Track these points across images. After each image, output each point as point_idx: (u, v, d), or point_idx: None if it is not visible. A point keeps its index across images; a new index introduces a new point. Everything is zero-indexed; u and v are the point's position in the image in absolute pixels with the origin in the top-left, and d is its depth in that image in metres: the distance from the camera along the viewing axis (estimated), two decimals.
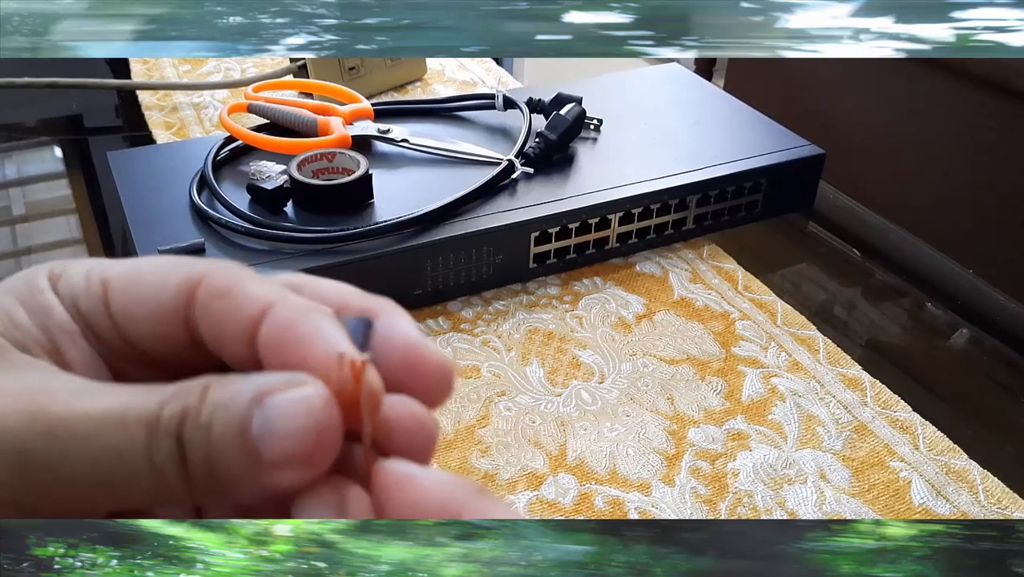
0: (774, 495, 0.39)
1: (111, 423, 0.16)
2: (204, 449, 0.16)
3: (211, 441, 0.16)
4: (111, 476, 0.16)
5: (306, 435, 0.16)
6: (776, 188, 0.57)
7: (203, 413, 0.16)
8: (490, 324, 0.49)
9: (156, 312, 0.18)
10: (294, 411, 0.16)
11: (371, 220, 0.48)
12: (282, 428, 0.16)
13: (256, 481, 0.16)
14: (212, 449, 0.16)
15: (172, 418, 0.16)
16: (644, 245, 0.54)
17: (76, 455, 0.16)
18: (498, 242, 0.49)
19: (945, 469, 0.40)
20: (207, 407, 0.16)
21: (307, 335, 0.17)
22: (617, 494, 0.39)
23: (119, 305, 0.19)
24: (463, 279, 0.49)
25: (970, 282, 0.56)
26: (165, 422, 0.16)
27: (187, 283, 0.18)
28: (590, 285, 0.52)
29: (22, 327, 0.18)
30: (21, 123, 0.72)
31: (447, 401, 0.18)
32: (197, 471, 0.16)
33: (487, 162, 0.54)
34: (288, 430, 0.16)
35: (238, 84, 0.71)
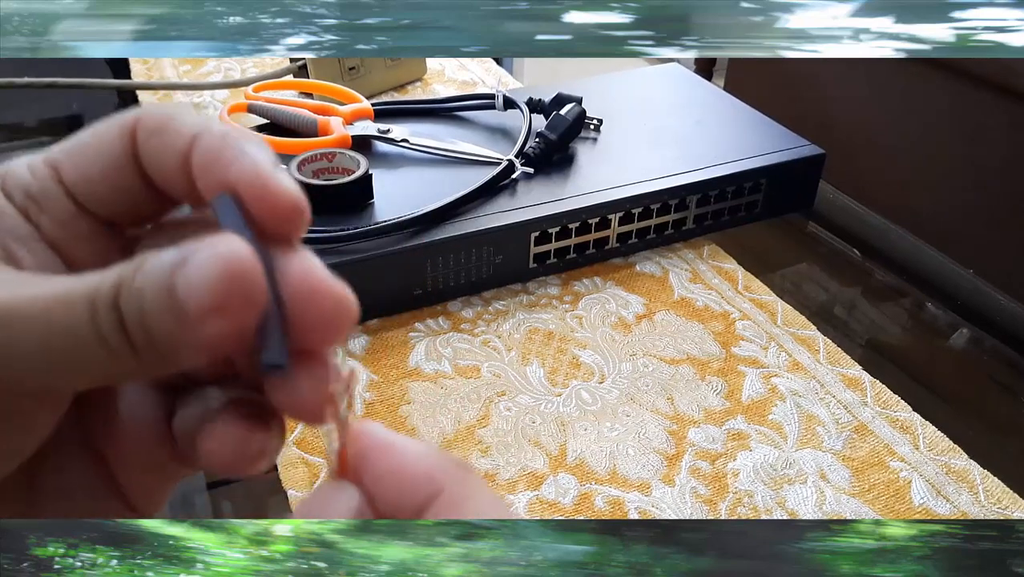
0: (774, 495, 0.39)
1: (57, 302, 0.17)
2: (139, 315, 0.16)
3: (144, 306, 0.16)
4: (62, 355, 0.17)
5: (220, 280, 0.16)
6: (776, 188, 0.57)
7: (136, 280, 0.17)
8: (490, 324, 0.49)
9: (109, 166, 0.19)
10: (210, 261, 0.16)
11: (371, 220, 0.48)
12: (199, 278, 0.16)
13: (188, 338, 0.16)
14: (145, 313, 0.16)
15: (111, 289, 0.17)
16: (644, 245, 0.54)
17: (25, 337, 0.16)
18: (498, 242, 0.49)
19: (945, 469, 0.40)
20: (140, 275, 0.17)
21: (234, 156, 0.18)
22: (617, 494, 0.39)
23: (74, 175, 0.19)
24: (463, 279, 0.49)
25: (970, 282, 0.56)
26: (104, 294, 0.17)
27: (126, 128, 0.19)
28: (590, 285, 0.52)
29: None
30: (21, 123, 0.72)
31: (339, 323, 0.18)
32: (137, 338, 0.17)
33: (487, 162, 0.54)
34: (205, 279, 0.16)
35: (238, 84, 0.71)
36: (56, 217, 0.19)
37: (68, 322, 0.16)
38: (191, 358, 0.17)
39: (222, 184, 0.18)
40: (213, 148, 0.18)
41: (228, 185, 0.18)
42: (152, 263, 0.17)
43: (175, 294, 0.16)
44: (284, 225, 0.18)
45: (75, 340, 0.17)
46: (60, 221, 0.20)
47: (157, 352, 0.17)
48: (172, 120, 0.19)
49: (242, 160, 0.18)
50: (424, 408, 0.43)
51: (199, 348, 0.17)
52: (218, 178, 0.18)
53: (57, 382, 0.17)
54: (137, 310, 0.16)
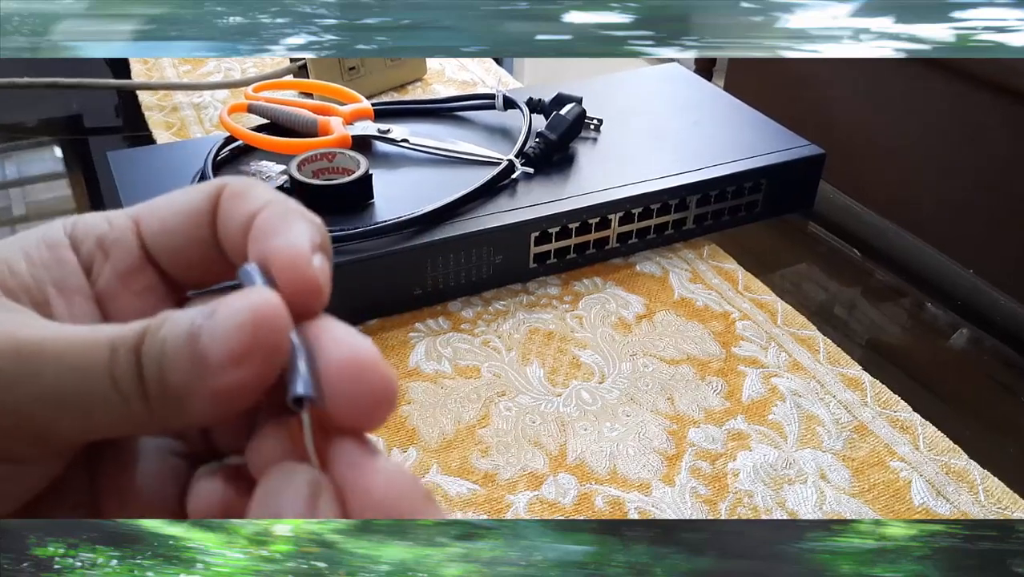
0: (774, 495, 0.39)
1: (77, 345, 0.17)
2: (158, 362, 0.17)
3: (165, 353, 0.17)
4: (75, 395, 0.17)
5: (246, 331, 0.16)
6: (776, 188, 0.57)
7: (162, 328, 0.17)
8: (490, 324, 0.49)
9: (188, 221, 0.20)
10: (237, 311, 0.16)
11: (371, 220, 0.48)
12: (224, 327, 0.16)
13: (205, 387, 0.16)
14: (165, 360, 0.16)
15: (134, 336, 0.17)
16: (644, 245, 0.54)
17: (43, 374, 0.16)
18: (498, 242, 0.49)
19: (945, 469, 0.40)
20: (166, 324, 0.17)
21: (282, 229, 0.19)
22: (617, 494, 0.39)
23: (153, 225, 0.20)
24: (463, 279, 0.49)
25: (970, 282, 0.56)
26: (125, 339, 0.17)
27: (213, 189, 0.20)
28: (590, 285, 0.52)
29: (17, 275, 0.19)
30: (21, 123, 0.72)
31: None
32: (152, 387, 0.17)
33: (487, 162, 0.54)
34: (230, 328, 0.16)
35: (238, 84, 0.71)
36: (121, 266, 0.20)
37: (84, 363, 0.17)
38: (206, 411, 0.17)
39: (262, 253, 0.18)
40: (270, 219, 0.19)
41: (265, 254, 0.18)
42: (179, 314, 0.17)
43: (198, 342, 0.16)
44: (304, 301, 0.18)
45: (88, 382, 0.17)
46: (124, 271, 0.20)
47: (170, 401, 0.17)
48: (252, 188, 0.20)
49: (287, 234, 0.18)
50: (424, 408, 0.43)
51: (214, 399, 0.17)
52: (261, 247, 0.18)
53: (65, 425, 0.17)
54: (157, 358, 0.17)
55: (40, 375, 0.16)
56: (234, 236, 0.19)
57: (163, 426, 0.17)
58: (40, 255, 0.19)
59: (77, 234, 0.20)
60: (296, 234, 0.18)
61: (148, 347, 0.17)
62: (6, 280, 0.19)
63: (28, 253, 0.19)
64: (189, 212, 0.20)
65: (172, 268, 0.20)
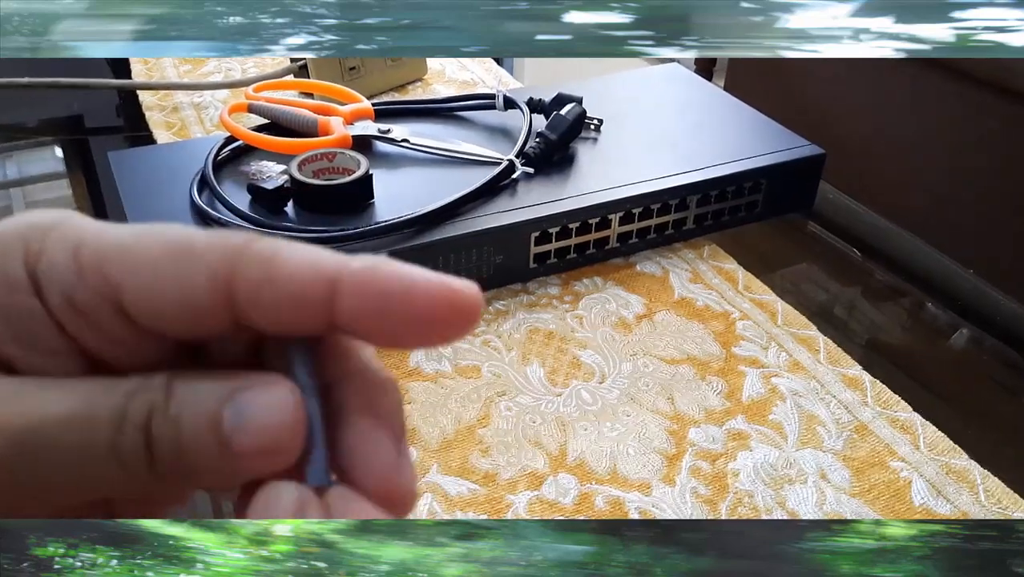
0: (774, 495, 0.39)
1: (77, 423, 0.17)
2: (173, 441, 0.17)
3: (181, 433, 0.17)
4: (78, 473, 0.17)
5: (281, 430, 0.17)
6: (776, 188, 0.57)
7: (171, 407, 0.17)
8: (490, 324, 0.49)
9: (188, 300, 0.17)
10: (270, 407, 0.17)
11: (371, 220, 0.48)
12: (257, 422, 0.17)
13: (224, 471, 0.17)
14: (182, 440, 0.17)
15: (139, 413, 0.17)
16: (644, 245, 0.54)
17: (44, 458, 0.16)
18: (498, 242, 0.49)
19: (945, 469, 0.40)
20: (175, 401, 0.17)
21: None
22: (617, 494, 0.39)
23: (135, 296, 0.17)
24: (463, 279, 0.49)
25: (970, 282, 0.56)
26: (132, 416, 0.17)
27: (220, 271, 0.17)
28: (590, 285, 0.52)
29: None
30: (21, 123, 0.72)
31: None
32: (163, 461, 0.17)
33: (487, 162, 0.54)
34: (263, 424, 0.17)
35: (238, 84, 0.71)
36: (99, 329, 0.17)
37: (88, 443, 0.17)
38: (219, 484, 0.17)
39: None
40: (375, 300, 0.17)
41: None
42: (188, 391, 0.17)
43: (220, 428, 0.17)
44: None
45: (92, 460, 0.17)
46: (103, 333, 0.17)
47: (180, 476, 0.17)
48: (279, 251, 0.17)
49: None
50: (424, 408, 0.43)
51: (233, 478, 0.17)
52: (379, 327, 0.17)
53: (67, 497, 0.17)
54: (171, 437, 0.17)
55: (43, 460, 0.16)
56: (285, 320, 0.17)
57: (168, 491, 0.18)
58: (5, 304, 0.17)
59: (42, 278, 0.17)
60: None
61: (160, 426, 0.17)
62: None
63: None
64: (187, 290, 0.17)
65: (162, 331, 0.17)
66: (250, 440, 0.17)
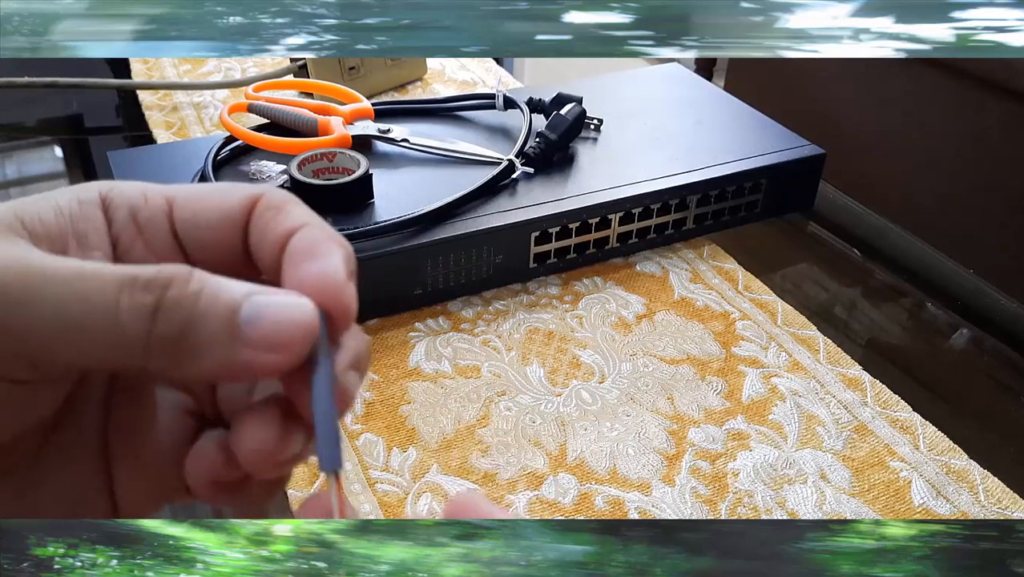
0: (774, 495, 0.39)
1: (85, 274, 0.17)
2: (186, 312, 0.17)
3: (196, 308, 0.17)
4: (74, 321, 0.17)
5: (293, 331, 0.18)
6: (776, 188, 0.57)
7: (192, 284, 0.18)
8: (490, 324, 0.49)
9: (221, 220, 0.20)
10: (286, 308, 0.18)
11: (371, 220, 0.48)
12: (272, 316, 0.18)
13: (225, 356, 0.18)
14: (194, 315, 0.17)
15: (157, 280, 0.17)
16: (644, 245, 0.54)
17: (44, 295, 0.17)
18: (498, 242, 0.49)
19: (945, 469, 0.40)
20: (196, 282, 0.18)
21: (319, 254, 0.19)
22: (617, 494, 0.39)
23: (186, 214, 0.21)
24: (463, 279, 0.49)
25: (970, 282, 0.56)
26: (146, 281, 0.17)
27: (251, 196, 0.20)
28: (590, 285, 0.52)
29: (45, 223, 0.19)
30: (21, 123, 0.72)
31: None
32: (165, 331, 0.17)
33: (487, 162, 0.54)
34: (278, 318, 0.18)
35: (238, 84, 0.71)
36: (151, 246, 0.21)
37: (90, 293, 0.17)
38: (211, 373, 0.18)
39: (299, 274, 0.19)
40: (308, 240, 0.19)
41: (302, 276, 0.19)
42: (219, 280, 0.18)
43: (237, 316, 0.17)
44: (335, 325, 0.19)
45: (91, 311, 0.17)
46: (152, 250, 0.21)
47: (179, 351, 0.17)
48: (289, 203, 0.20)
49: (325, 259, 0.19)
50: (424, 408, 0.43)
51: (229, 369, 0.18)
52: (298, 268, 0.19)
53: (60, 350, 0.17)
54: (185, 308, 0.17)
55: (42, 298, 0.17)
56: (267, 248, 0.20)
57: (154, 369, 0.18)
58: (70, 208, 0.20)
59: (112, 198, 0.21)
60: (334, 261, 0.19)
61: (175, 296, 0.17)
62: (35, 227, 0.19)
63: (59, 204, 0.20)
64: (223, 212, 0.20)
65: (197, 257, 0.21)
66: (260, 333, 0.17)
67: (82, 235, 0.20)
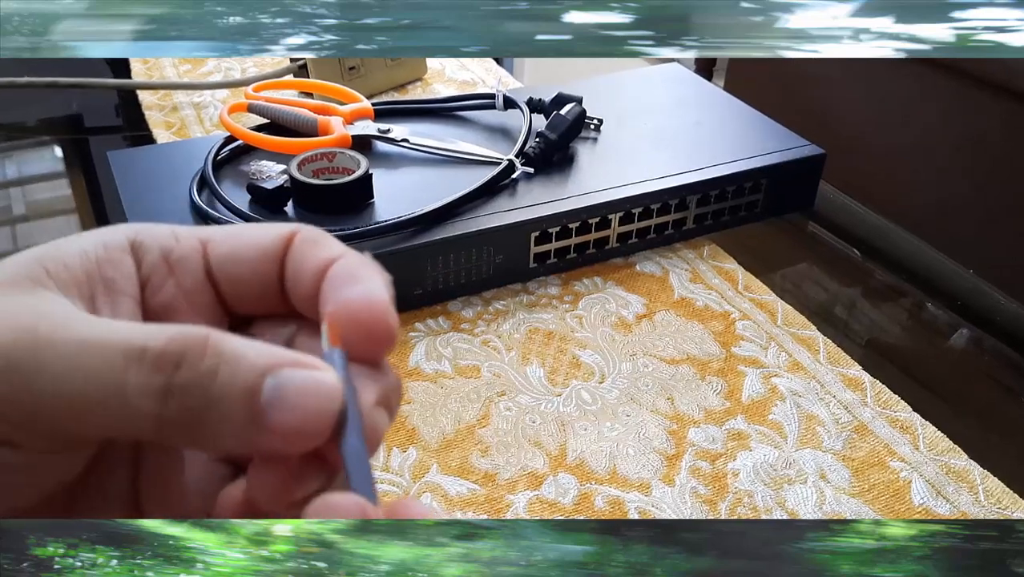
0: (774, 495, 0.39)
1: (91, 347, 0.17)
2: (201, 395, 0.17)
3: (212, 390, 0.17)
4: (79, 399, 0.17)
5: (318, 416, 0.17)
6: (776, 188, 0.57)
7: (206, 360, 0.17)
8: (490, 324, 0.48)
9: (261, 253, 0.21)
10: (310, 390, 0.17)
11: (371, 220, 0.48)
12: (295, 403, 0.17)
13: (250, 440, 0.17)
14: (211, 398, 0.17)
15: (166, 356, 0.17)
16: (644, 245, 0.54)
17: (52, 371, 0.17)
18: (498, 242, 0.49)
19: (945, 469, 0.40)
20: (211, 357, 0.17)
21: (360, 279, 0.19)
22: (617, 494, 0.39)
23: (222, 251, 0.21)
24: (463, 279, 0.49)
25: (970, 282, 0.56)
26: (155, 357, 0.17)
27: (289, 231, 0.21)
28: (590, 285, 0.52)
29: (70, 269, 0.19)
30: (21, 123, 0.72)
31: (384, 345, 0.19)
32: (180, 413, 0.17)
33: (487, 162, 0.54)
34: (301, 406, 0.17)
35: (238, 84, 0.71)
36: (182, 285, 0.21)
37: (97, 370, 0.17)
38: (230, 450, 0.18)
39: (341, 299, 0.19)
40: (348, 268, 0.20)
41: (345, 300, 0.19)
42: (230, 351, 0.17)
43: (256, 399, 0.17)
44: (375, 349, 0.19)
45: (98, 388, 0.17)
46: (183, 290, 0.21)
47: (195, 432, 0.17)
48: (326, 237, 0.21)
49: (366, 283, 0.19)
50: (424, 408, 0.43)
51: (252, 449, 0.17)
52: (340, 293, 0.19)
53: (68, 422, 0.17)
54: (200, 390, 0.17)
55: (51, 374, 0.16)
56: (306, 277, 0.20)
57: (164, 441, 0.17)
58: (96, 252, 0.20)
59: (142, 241, 0.21)
60: (375, 285, 0.19)
61: (188, 377, 0.17)
62: (60, 274, 0.19)
63: (85, 250, 0.20)
64: (261, 247, 0.21)
65: (231, 295, 0.21)
66: (282, 419, 0.17)
67: (109, 280, 0.20)
